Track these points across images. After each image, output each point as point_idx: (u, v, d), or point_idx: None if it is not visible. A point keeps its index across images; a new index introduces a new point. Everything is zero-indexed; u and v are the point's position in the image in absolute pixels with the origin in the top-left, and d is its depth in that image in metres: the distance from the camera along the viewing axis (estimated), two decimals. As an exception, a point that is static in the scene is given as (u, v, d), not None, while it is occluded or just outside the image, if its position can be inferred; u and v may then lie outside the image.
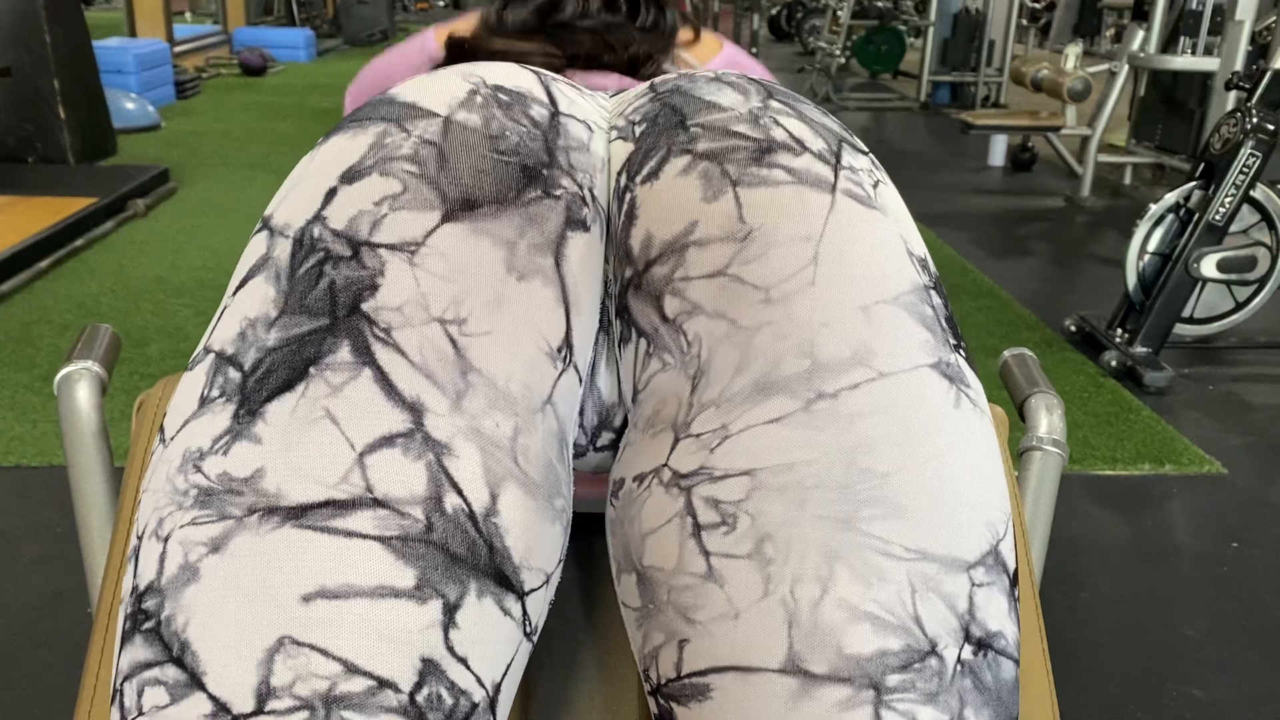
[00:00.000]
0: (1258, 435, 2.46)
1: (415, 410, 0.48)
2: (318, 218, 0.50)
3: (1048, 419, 0.71)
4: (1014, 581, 0.51)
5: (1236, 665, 1.66)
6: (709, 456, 0.49)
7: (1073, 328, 2.99)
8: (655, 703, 0.51)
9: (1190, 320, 2.88)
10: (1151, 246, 2.80)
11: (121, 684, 0.46)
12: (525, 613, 0.50)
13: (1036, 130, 4.56)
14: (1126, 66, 4.44)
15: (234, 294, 0.52)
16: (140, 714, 0.44)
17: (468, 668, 0.47)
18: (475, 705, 0.47)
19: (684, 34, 0.79)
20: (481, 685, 0.47)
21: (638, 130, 0.54)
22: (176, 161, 4.80)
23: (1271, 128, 2.64)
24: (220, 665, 0.44)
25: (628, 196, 0.53)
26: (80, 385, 0.65)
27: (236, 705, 0.43)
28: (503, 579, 0.48)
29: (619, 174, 0.54)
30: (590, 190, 0.53)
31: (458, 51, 0.73)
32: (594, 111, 0.56)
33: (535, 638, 0.52)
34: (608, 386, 0.56)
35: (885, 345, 0.50)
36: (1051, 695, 0.60)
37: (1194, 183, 2.75)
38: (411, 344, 0.48)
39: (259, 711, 0.43)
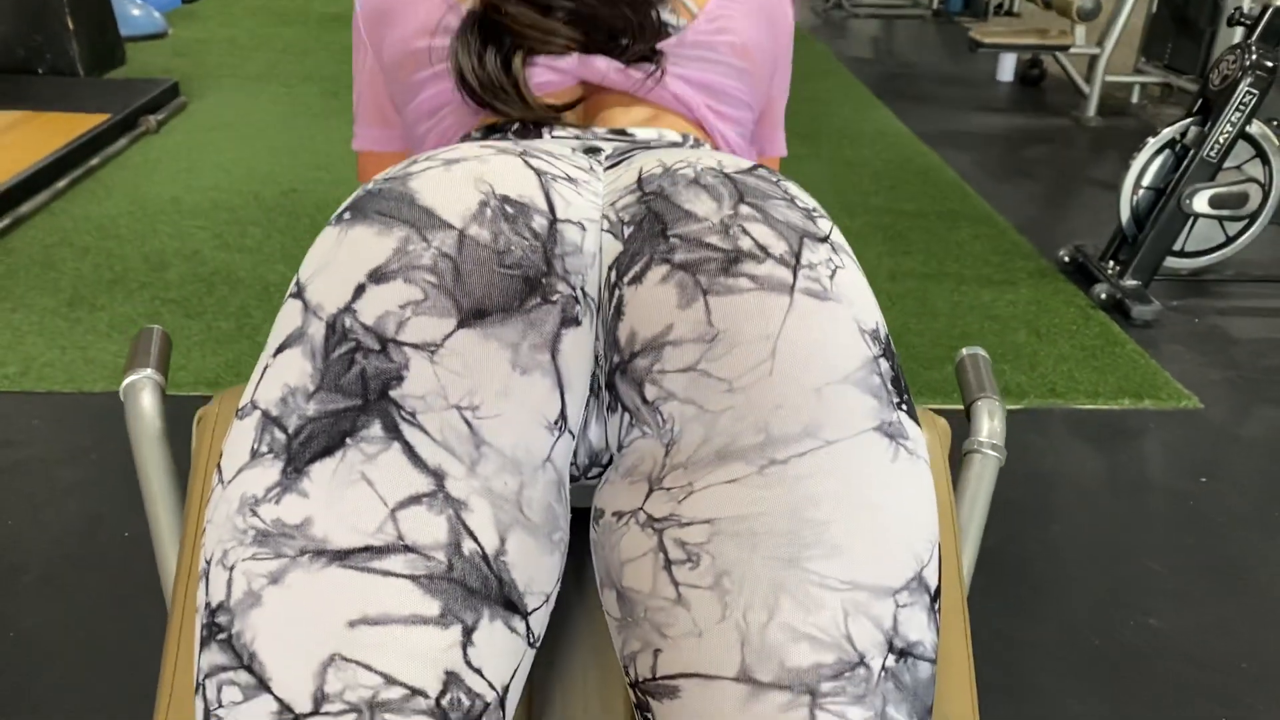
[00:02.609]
0: (1236, 370, 2.55)
1: (437, 476, 0.58)
2: (348, 309, 0.59)
3: (989, 424, 0.81)
4: (935, 596, 0.61)
5: (1191, 596, 1.78)
6: (677, 506, 0.60)
7: (1066, 258, 3.06)
8: (635, 694, 0.62)
9: (1181, 254, 2.95)
10: (1146, 181, 2.85)
11: (204, 680, 0.57)
12: (529, 628, 0.61)
13: (1044, 49, 4.55)
14: (1139, -17, 4.40)
15: (274, 355, 0.61)
16: (220, 706, 0.56)
17: (482, 676, 0.58)
18: (488, 705, 0.58)
19: None
20: (493, 688, 0.58)
21: (626, 231, 0.62)
22: (185, 73, 4.81)
23: (1270, 64, 2.67)
24: (282, 674, 0.55)
25: (616, 293, 0.62)
26: (144, 393, 0.74)
27: (298, 706, 0.54)
28: (510, 604, 0.59)
29: (609, 269, 0.62)
30: (582, 289, 0.62)
31: (484, 21, 0.79)
32: (588, 208, 0.64)
33: (538, 644, 0.63)
34: (597, 437, 0.66)
35: (833, 419, 0.60)
36: (970, 670, 0.71)
37: (1191, 119, 2.79)
38: (433, 425, 0.58)
39: (315, 713, 0.54)
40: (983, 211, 3.47)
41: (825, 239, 0.63)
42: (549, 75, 0.82)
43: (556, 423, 0.62)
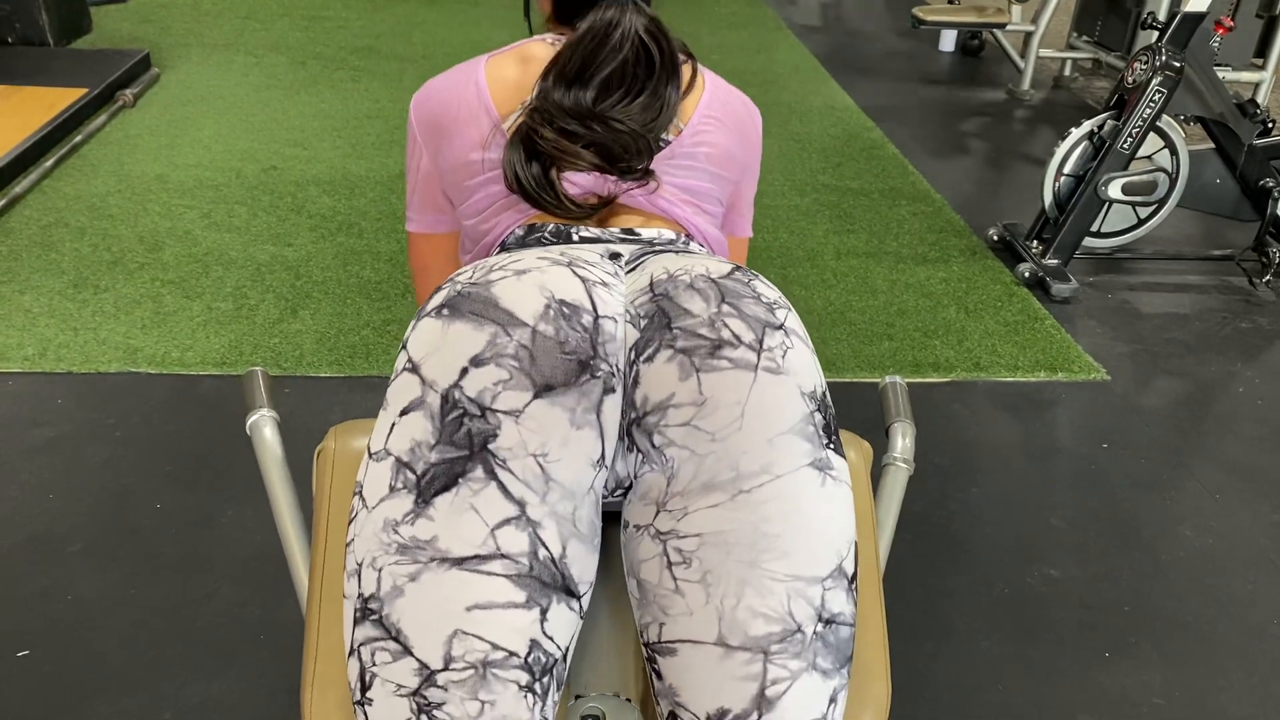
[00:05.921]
0: (1141, 344, 2.86)
1: (520, 504, 0.84)
2: (457, 385, 0.84)
3: (902, 442, 1.07)
4: (852, 579, 0.88)
5: (1088, 550, 2.09)
6: (675, 524, 0.86)
7: (995, 237, 3.34)
8: (647, 651, 0.89)
9: (1099, 234, 3.24)
10: (1067, 169, 3.13)
11: (358, 647, 0.82)
12: (580, 606, 0.87)
13: (982, 27, 4.80)
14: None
15: (399, 416, 0.86)
16: (374, 665, 0.81)
17: (553, 641, 0.84)
18: (556, 660, 0.85)
19: (685, 70, 1.10)
20: (559, 649, 0.85)
21: (641, 323, 0.87)
22: (152, 41, 4.90)
23: (1178, 65, 2.95)
24: (421, 643, 0.80)
25: (634, 369, 0.87)
26: (266, 429, 0.98)
27: (433, 665, 0.80)
28: (569, 591, 0.86)
29: (630, 350, 0.87)
30: (616, 365, 0.86)
31: (526, 140, 1.04)
32: (617, 305, 0.88)
33: (584, 616, 0.89)
34: (620, 468, 0.91)
35: (780, 459, 0.86)
36: (883, 627, 0.97)
37: (1108, 113, 3.07)
38: (518, 468, 0.84)
39: (446, 669, 0.79)
40: (921, 189, 3.74)
41: (781, 326, 0.89)
42: (571, 190, 1.07)
43: (599, 461, 0.88)
